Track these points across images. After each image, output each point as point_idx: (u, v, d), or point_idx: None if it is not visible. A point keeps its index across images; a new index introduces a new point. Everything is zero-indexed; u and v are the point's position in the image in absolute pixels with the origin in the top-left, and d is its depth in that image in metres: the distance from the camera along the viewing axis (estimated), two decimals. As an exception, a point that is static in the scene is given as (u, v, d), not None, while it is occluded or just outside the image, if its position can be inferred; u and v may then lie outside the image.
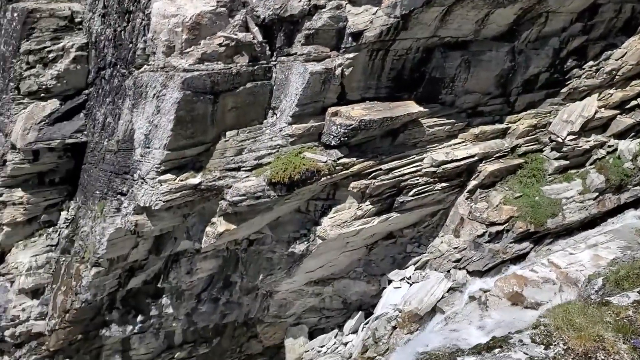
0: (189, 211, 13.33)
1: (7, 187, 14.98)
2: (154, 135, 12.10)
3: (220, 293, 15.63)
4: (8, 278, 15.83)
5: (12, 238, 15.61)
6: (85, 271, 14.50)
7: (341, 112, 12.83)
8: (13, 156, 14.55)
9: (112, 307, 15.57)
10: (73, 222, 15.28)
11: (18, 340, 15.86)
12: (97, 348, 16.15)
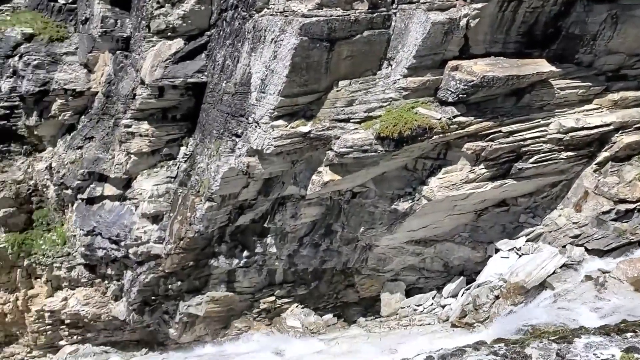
0: (298, 158, 13.97)
1: (136, 120, 16.68)
2: (269, 80, 12.67)
3: (321, 239, 16.40)
4: (133, 202, 17.95)
5: (137, 166, 17.52)
6: (199, 204, 15.96)
7: (462, 67, 12.39)
8: (142, 91, 16.09)
9: (221, 240, 17.06)
10: (191, 157, 16.71)
11: (139, 258, 18.12)
12: (205, 276, 17.95)
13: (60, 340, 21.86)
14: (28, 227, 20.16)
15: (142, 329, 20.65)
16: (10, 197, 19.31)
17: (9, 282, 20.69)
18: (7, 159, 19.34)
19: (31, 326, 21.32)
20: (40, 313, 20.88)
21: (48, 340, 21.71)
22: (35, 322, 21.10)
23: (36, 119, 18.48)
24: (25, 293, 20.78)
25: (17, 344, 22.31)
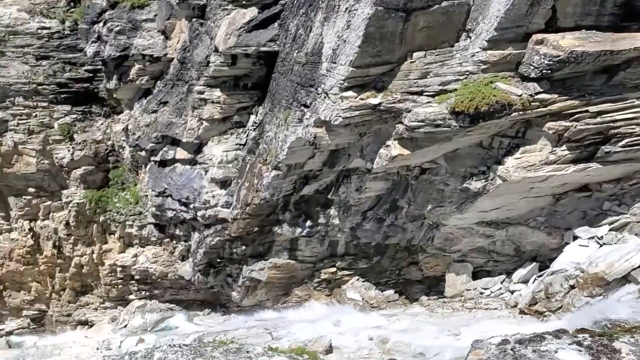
0: (366, 130, 13.93)
1: (209, 87, 17.21)
2: (341, 50, 12.62)
3: (385, 214, 16.39)
4: (203, 167, 18.69)
5: (208, 132, 18.17)
6: (266, 172, 16.37)
7: (548, 41, 11.74)
8: (215, 58, 16.53)
9: (285, 209, 17.47)
10: (260, 126, 17.09)
11: (207, 221, 18.94)
12: (269, 242, 18.52)
13: (130, 294, 23.42)
14: (104, 185, 21.53)
15: (206, 290, 21.71)
16: (90, 156, 20.67)
17: (86, 236, 22.32)
18: (88, 119, 20.62)
19: (104, 279, 22.98)
20: (113, 267, 22.43)
21: (119, 294, 23.34)
22: (108, 275, 22.72)
23: (116, 82, 19.48)
24: (100, 247, 22.36)
25: (92, 294, 24.17)
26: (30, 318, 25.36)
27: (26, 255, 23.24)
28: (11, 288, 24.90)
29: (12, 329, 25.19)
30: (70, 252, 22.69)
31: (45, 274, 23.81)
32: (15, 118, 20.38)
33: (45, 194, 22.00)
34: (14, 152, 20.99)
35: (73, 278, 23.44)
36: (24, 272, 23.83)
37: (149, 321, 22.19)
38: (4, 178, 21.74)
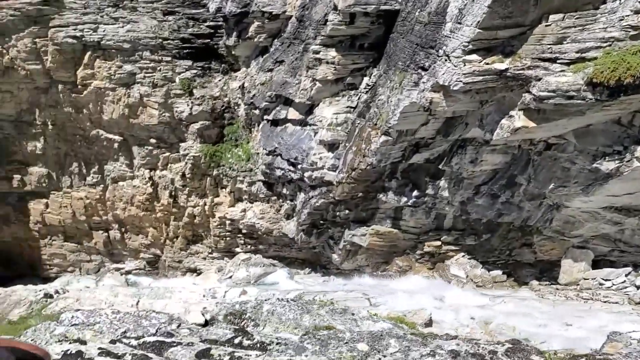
0: (488, 98, 13.19)
1: (324, 46, 17.17)
2: (468, 10, 11.91)
3: (500, 191, 15.61)
4: (313, 129, 18.88)
5: (321, 94, 18.23)
6: (375, 137, 16.17)
7: None
8: (333, 17, 16.39)
9: (392, 176, 17.23)
10: (373, 88, 16.83)
11: (313, 182, 19.24)
12: (372, 208, 18.46)
13: (236, 247, 24.64)
14: (219, 140, 22.54)
15: (308, 249, 22.26)
16: (207, 112, 21.67)
17: (200, 188, 23.67)
18: (207, 75, 21.55)
19: (214, 230, 24.34)
20: (222, 220, 23.65)
21: (226, 245, 24.65)
22: (218, 227, 24.02)
23: (235, 39, 20.08)
24: (212, 200, 23.63)
25: (202, 244, 25.76)
26: (147, 261, 27.69)
27: (145, 202, 25.21)
28: (131, 231, 27.26)
29: (130, 269, 27.72)
30: (185, 202, 24.23)
31: (161, 220, 25.72)
32: (142, 71, 21.81)
33: (165, 146, 23.52)
34: (140, 104, 22.55)
35: (185, 227, 25.10)
36: (143, 217, 25.92)
37: (253, 274, 23.28)
38: (130, 128, 23.52)
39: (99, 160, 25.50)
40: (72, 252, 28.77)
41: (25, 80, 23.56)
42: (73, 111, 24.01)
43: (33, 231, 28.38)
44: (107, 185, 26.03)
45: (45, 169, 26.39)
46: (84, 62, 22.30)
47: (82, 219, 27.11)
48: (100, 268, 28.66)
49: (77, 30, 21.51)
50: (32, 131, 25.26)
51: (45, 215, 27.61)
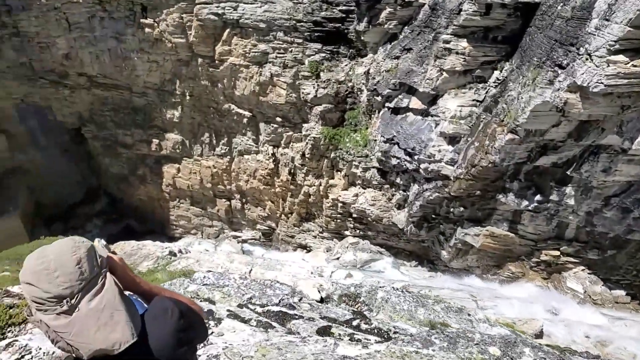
0: (630, 103, 12.15)
1: (456, 36, 16.77)
2: (619, 6, 11.02)
3: (634, 205, 14.36)
4: (434, 120, 18.60)
5: (446, 84, 17.86)
6: (500, 134, 15.56)
7: None
8: (468, 6, 15.92)
9: (514, 177, 16.51)
10: (502, 83, 16.17)
11: (429, 175, 19.03)
12: (489, 209, 17.86)
13: (346, 230, 25.18)
14: (340, 124, 23.03)
15: (417, 242, 22.13)
16: (331, 95, 22.20)
17: (317, 169, 24.43)
18: (334, 59, 22.04)
19: (326, 211, 25.06)
20: (335, 202, 24.26)
21: (336, 227, 25.29)
22: (330, 208, 24.69)
23: (365, 25, 20.28)
24: (327, 181, 24.31)
25: (314, 222, 26.66)
26: (262, 232, 29.29)
27: (267, 176, 26.59)
28: (251, 202, 28.95)
29: (246, 238, 29.51)
30: (302, 181, 25.20)
31: (279, 196, 27.00)
32: (274, 51, 22.86)
33: (289, 125, 24.54)
34: (270, 83, 23.70)
35: (300, 204, 26.11)
36: (262, 190, 27.39)
37: (359, 259, 23.70)
38: (259, 105, 24.83)
39: (229, 133, 27.29)
40: (196, 216, 31.26)
41: (170, 52, 25.77)
42: (209, 84, 25.86)
43: (164, 192, 31.24)
44: (234, 157, 27.82)
45: (180, 137, 28.80)
46: (223, 38, 23.86)
47: (208, 186, 29.29)
48: (220, 234, 30.86)
49: (220, 8, 23.03)
50: (172, 100, 27.65)
51: (176, 179, 30.22)
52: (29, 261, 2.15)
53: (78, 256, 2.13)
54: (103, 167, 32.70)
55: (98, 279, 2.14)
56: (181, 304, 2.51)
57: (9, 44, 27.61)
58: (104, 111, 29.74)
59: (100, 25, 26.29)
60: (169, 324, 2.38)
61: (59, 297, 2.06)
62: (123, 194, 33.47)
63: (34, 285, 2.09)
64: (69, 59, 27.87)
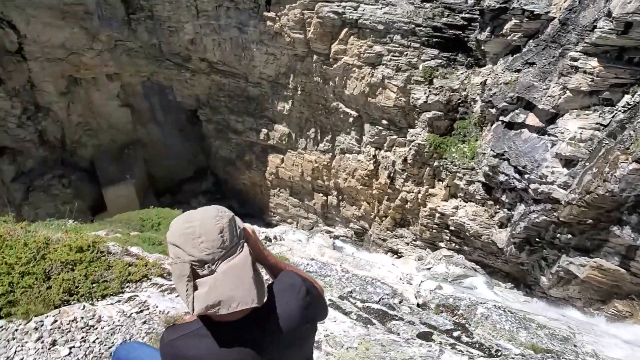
0: None
1: (585, 54, 15.85)
2: None
3: None
4: (551, 139, 17.73)
5: (569, 104, 16.95)
6: (623, 163, 14.58)
7: None
8: (604, 24, 14.98)
9: (634, 210, 15.36)
10: (633, 109, 15.07)
11: (537, 196, 18.20)
12: (600, 240, 16.76)
13: (440, 241, 24.74)
14: (447, 133, 22.62)
15: (515, 264, 21.27)
16: (442, 102, 21.86)
17: (418, 175, 24.20)
18: (450, 67, 21.67)
19: (422, 219, 24.77)
20: (433, 212, 23.91)
21: (431, 237, 24.92)
22: (426, 217, 24.37)
23: (487, 34, 19.73)
24: (426, 190, 24.00)
25: (408, 229, 26.47)
26: (354, 231, 29.56)
27: (365, 177, 26.76)
28: (347, 201, 29.29)
29: (338, 235, 29.93)
30: (400, 186, 25.08)
31: (376, 198, 27.08)
32: (389, 54, 22.90)
33: (394, 129, 24.50)
34: (380, 85, 23.78)
35: (396, 209, 26.02)
36: (360, 190, 27.61)
37: (451, 273, 23.26)
38: (367, 106, 25.02)
39: (333, 131, 27.77)
40: (293, 206, 32.18)
41: (288, 47, 26.64)
42: (321, 81, 26.44)
43: (267, 180, 32.45)
44: (335, 155, 28.27)
45: (288, 129, 29.73)
46: (340, 37, 24.28)
47: (308, 179, 30.02)
48: (314, 227, 31.55)
49: (340, 7, 23.44)
50: (284, 93, 28.60)
51: (279, 168, 31.28)
52: (176, 224, 2.34)
53: (221, 225, 2.28)
54: (213, 149, 34.53)
55: (237, 248, 2.30)
56: (307, 281, 2.60)
57: (143, 25, 29.93)
58: (220, 97, 31.38)
59: (226, 14, 27.74)
60: (297, 299, 2.50)
61: (201, 262, 2.22)
62: (229, 176, 35.15)
63: (179, 247, 2.27)
64: (194, 44, 29.70)
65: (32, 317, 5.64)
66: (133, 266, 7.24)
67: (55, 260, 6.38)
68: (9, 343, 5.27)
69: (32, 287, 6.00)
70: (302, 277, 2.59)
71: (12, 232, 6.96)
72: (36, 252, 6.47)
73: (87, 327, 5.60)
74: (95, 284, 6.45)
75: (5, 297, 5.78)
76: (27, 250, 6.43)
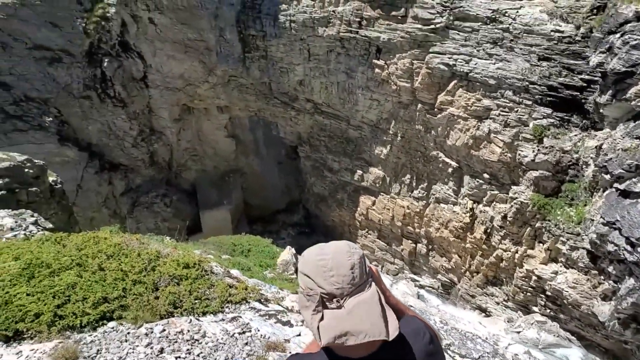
0: None
1: None
2: None
3: None
4: (674, 214, 16.25)
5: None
6: None
7: None
8: None
9: None
10: None
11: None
12: None
13: (534, 306, 23.21)
14: (553, 194, 21.40)
15: (617, 341, 19.49)
16: (551, 163, 20.78)
17: (517, 234, 23.01)
18: (563, 127, 20.64)
19: (516, 280, 23.42)
20: (529, 274, 22.54)
21: (524, 300, 23.46)
22: (522, 279, 23.01)
23: (608, 98, 18.63)
24: (525, 250, 22.73)
25: (500, 288, 25.12)
26: (442, 282, 28.49)
27: (459, 229, 25.85)
28: (437, 251, 28.40)
29: (424, 284, 28.98)
30: (497, 243, 23.95)
31: (468, 252, 26.03)
32: (498, 109, 22.24)
33: (496, 184, 23.59)
34: (485, 139, 23.10)
35: (489, 267, 24.82)
36: (452, 242, 26.68)
37: (542, 340, 21.75)
38: (468, 158, 24.35)
39: (429, 179, 27.25)
40: (380, 249, 31.69)
41: (393, 94, 26.72)
42: (422, 130, 26.16)
43: (356, 220, 32.30)
44: (429, 203, 27.65)
45: (383, 173, 29.58)
46: (447, 88, 23.99)
47: (398, 224, 29.51)
48: (399, 273, 30.82)
49: (452, 59, 23.23)
50: (383, 138, 28.58)
51: (370, 210, 31.06)
52: (310, 255, 2.33)
53: (352, 261, 2.26)
54: (308, 184, 35.02)
55: (365, 286, 2.26)
56: (429, 328, 2.56)
57: (257, 64, 31.31)
58: (321, 136, 31.91)
59: (336, 60, 28.40)
60: (422, 344, 2.43)
61: (330, 295, 2.20)
62: (319, 211, 35.39)
63: (311, 278, 2.25)
64: (302, 85, 30.57)
65: (142, 323, 5.85)
66: (233, 288, 7.35)
67: (164, 273, 6.66)
68: (122, 344, 5.48)
69: (142, 295, 6.25)
70: (425, 324, 2.57)
71: (128, 242, 7.34)
72: (147, 263, 6.79)
73: (192, 340, 5.74)
74: (197, 300, 6.64)
75: (119, 301, 6.08)
76: (140, 260, 6.78)
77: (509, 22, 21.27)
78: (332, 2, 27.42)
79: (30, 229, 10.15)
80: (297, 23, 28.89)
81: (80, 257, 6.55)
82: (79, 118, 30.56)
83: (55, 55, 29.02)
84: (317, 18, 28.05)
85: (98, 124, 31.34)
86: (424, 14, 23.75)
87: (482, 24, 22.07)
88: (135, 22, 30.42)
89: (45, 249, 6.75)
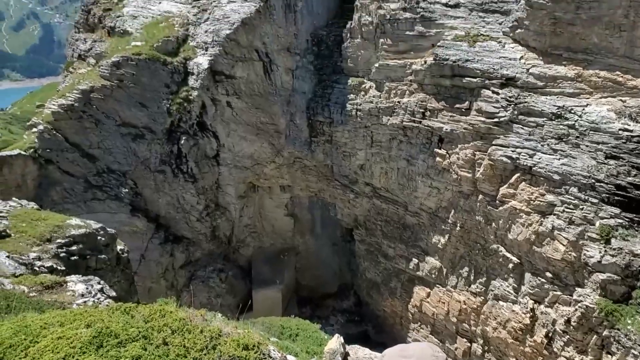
0: None
1: None
2: None
3: None
4: None
5: None
6: None
7: None
8: None
9: None
10: None
11: None
12: None
13: None
14: (623, 301, 19.55)
15: None
16: (619, 266, 19.14)
17: (581, 342, 20.92)
18: (633, 228, 19.22)
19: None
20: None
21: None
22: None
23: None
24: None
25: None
26: (496, 388, 26.00)
27: (518, 330, 23.92)
28: (493, 353, 26.25)
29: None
30: (559, 350, 21.85)
31: (528, 356, 23.85)
32: (563, 205, 21.16)
33: (559, 284, 21.95)
34: (549, 235, 21.83)
35: (551, 374, 22.53)
36: (510, 344, 24.63)
37: None
38: (530, 254, 22.98)
39: (489, 274, 25.83)
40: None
41: (454, 183, 26.20)
42: (483, 221, 25.20)
43: (409, 312, 30.77)
44: (487, 300, 26.01)
45: (439, 263, 28.40)
46: (510, 181, 23.25)
47: (453, 320, 27.79)
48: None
49: (515, 152, 22.70)
50: (441, 227, 27.73)
51: (424, 302, 29.57)
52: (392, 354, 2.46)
53: None
54: (360, 268, 34.15)
55: None
56: None
57: (322, 147, 32.05)
58: (377, 220, 31.48)
59: (398, 147, 28.57)
60: None
61: None
62: (370, 299, 34.13)
63: None
64: (363, 169, 30.78)
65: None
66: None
67: (224, 352, 6.53)
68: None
69: (202, 373, 6.03)
70: None
71: (192, 317, 7.32)
72: (209, 341, 6.71)
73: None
74: (255, 382, 6.31)
75: (178, 377, 5.85)
76: (203, 337, 6.69)
77: (575, 118, 20.74)
78: (397, 94, 28.04)
79: (97, 296, 10.41)
80: (362, 112, 29.65)
81: (147, 330, 6.62)
82: (151, 190, 31.89)
83: (139, 132, 30.94)
84: (382, 107, 28.67)
85: (168, 197, 32.53)
86: (488, 108, 23.68)
87: (547, 119, 21.64)
88: (214, 104, 32.26)
89: (115, 318, 6.85)
